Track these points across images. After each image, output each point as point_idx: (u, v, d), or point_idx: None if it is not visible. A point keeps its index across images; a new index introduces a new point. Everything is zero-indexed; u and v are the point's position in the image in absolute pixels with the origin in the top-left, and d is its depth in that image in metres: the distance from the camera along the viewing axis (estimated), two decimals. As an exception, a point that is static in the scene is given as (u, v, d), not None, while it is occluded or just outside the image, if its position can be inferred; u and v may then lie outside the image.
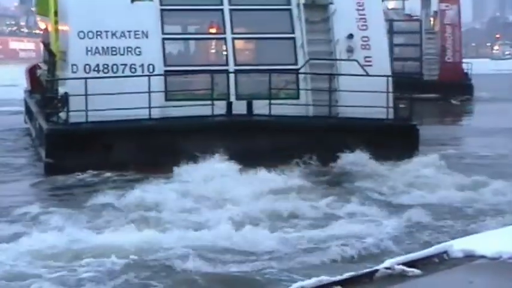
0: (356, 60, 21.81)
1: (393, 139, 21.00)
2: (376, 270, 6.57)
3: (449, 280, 6.43)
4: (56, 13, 24.41)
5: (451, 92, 43.28)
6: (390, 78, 22.15)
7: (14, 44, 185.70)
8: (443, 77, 44.55)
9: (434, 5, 47.16)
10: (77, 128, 20.85)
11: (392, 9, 47.59)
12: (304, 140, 20.46)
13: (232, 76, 21.73)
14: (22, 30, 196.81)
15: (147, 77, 21.15)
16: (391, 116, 21.93)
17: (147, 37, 21.79)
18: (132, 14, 22.03)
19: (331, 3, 22.92)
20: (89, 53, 21.50)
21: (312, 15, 22.80)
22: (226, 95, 21.45)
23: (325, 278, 6.52)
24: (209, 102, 21.29)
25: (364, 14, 22.71)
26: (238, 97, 21.46)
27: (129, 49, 21.74)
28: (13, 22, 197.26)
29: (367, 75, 21.54)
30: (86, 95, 20.17)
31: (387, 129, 21.40)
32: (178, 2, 23.17)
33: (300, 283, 6.52)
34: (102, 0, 22.47)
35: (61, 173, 19.58)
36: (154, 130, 20.51)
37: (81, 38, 21.63)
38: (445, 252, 7.09)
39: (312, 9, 23.15)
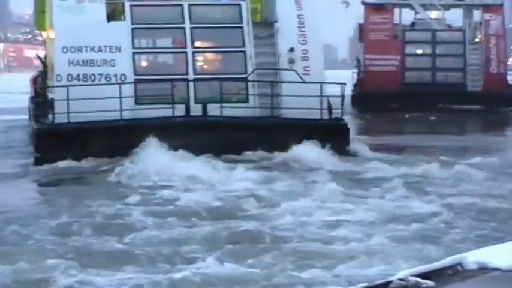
0: (295, 70, 24.73)
1: (326, 135, 23.75)
2: (391, 282, 6.47)
3: None
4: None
5: (495, 103, 42.17)
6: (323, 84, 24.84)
7: (29, 52, 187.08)
8: (487, 88, 43.47)
9: (477, 15, 46.28)
10: (60, 128, 23.69)
11: (434, 19, 46.99)
12: (250, 137, 23.39)
13: (191, 84, 24.75)
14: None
15: (118, 85, 23.93)
16: (326, 116, 24.61)
17: (120, 51, 24.77)
18: (108, 32, 25.13)
19: (276, 21, 25.82)
20: (71, 64, 24.50)
21: (259, 31, 25.94)
22: (186, 99, 24.33)
23: None
24: (176, 104, 24.17)
25: (304, 31, 25.57)
26: (197, 101, 24.39)
27: (105, 61, 24.71)
28: (28, 30, 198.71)
29: (304, 82, 24.36)
30: (68, 100, 23.06)
31: (319, 127, 24.20)
32: (147, 21, 25.95)
33: None
34: (82, 20, 25.07)
35: (46, 163, 22.47)
36: (124, 128, 23.32)
37: (64, 53, 24.51)
38: (459, 264, 6.84)
39: (260, 26, 26.29)
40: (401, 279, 6.40)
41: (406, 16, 48.43)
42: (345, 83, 25.84)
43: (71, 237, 14.47)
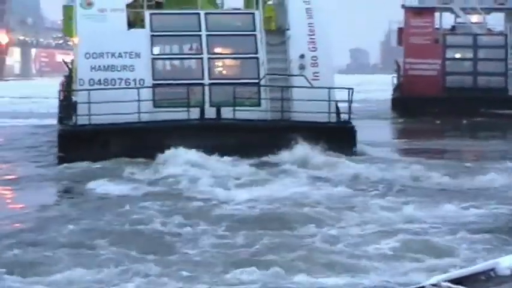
0: (304, 76, 25.91)
1: (333, 137, 24.87)
2: (423, 287, 6.56)
3: None
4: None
5: None
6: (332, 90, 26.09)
7: (61, 57, 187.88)
8: None
9: None
10: (82, 129, 25.14)
11: (475, 23, 46.35)
12: (261, 138, 24.53)
13: (207, 88, 25.99)
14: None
15: (137, 89, 25.27)
16: (333, 119, 25.79)
17: (139, 57, 26.14)
18: (128, 39, 26.52)
19: (288, 29, 26.99)
20: (93, 69, 25.92)
21: (272, 39, 27.17)
22: (201, 103, 25.59)
23: None
24: (191, 108, 25.38)
25: (314, 38, 26.74)
26: (211, 104, 25.64)
27: (125, 66, 26.07)
28: (60, 35, 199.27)
29: (313, 87, 25.61)
30: (89, 102, 24.51)
31: (327, 129, 25.39)
32: (166, 29, 27.24)
33: None
34: (104, 27, 26.51)
35: (69, 162, 23.74)
36: (142, 130, 24.62)
37: (86, 58, 25.97)
38: (492, 269, 6.84)
39: (272, 34, 27.47)
40: (434, 285, 6.42)
41: (446, 20, 48.11)
42: (352, 88, 26.70)
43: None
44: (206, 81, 26.45)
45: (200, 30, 26.93)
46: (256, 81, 26.55)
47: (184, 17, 27.97)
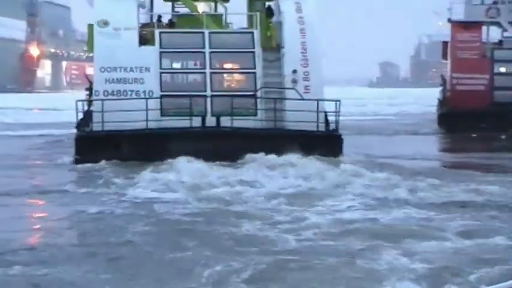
0: (295, 89, 27.70)
1: (321, 144, 26.65)
2: None
3: None
4: None
5: None
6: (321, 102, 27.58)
7: (91, 70, 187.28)
8: None
9: None
10: (96, 134, 27.06)
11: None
12: (256, 145, 26.16)
13: (208, 99, 27.65)
14: None
15: (146, 99, 27.07)
16: (322, 129, 27.52)
17: (149, 71, 27.90)
18: (139, 55, 28.24)
19: (283, 47, 28.77)
20: (107, 82, 27.68)
21: (268, 55, 28.88)
22: (203, 112, 27.24)
23: None
24: (194, 117, 27.11)
25: (306, 56, 28.34)
26: (213, 114, 27.30)
27: (136, 79, 27.79)
28: None
29: (303, 99, 27.38)
30: (103, 111, 26.58)
31: (316, 137, 27.00)
32: (173, 46, 28.92)
33: None
34: (118, 44, 28.21)
35: (83, 163, 25.85)
36: (149, 136, 26.53)
37: (101, 72, 27.81)
38: None
39: (268, 51, 29.13)
40: None
41: (493, 34, 47.57)
42: (339, 100, 28.30)
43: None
44: (208, 93, 28.08)
45: (204, 48, 28.55)
46: (253, 93, 28.23)
47: (190, 35, 29.51)
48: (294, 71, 28.38)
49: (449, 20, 46.20)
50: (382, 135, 43.88)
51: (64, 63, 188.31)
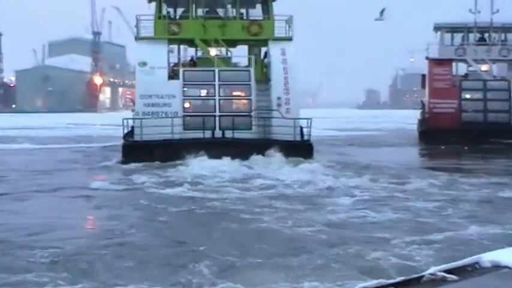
0: (279, 111, 28.54)
1: (297, 150, 27.25)
2: (423, 276, 6.16)
3: (480, 285, 5.93)
4: None
5: None
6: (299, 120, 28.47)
7: None
8: None
9: None
10: (136, 143, 27.98)
11: (484, 71, 44.31)
12: (250, 150, 26.75)
13: (217, 118, 28.35)
14: None
15: (172, 119, 27.78)
16: (298, 139, 28.36)
17: (175, 98, 28.66)
18: (168, 86, 28.91)
19: (271, 80, 29.60)
20: (145, 105, 28.50)
21: (260, 86, 29.59)
22: (213, 127, 28.05)
23: (383, 281, 6.19)
24: (206, 130, 27.88)
25: (287, 86, 29.23)
26: (220, 128, 28.10)
27: (165, 104, 28.52)
28: None
29: (284, 118, 28.11)
30: (141, 127, 27.78)
31: (293, 145, 27.64)
32: (192, 80, 29.48)
33: (362, 284, 6.15)
34: (153, 79, 28.86)
35: (127, 164, 26.71)
36: (174, 144, 27.00)
37: (141, 98, 28.73)
38: (477, 262, 6.56)
39: (260, 83, 29.72)
40: (432, 274, 6.12)
41: (461, 69, 46.07)
42: (311, 119, 28.41)
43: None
44: (217, 113, 28.63)
45: (214, 81, 29.11)
46: (249, 114, 28.88)
47: (205, 72, 29.76)
48: (278, 98, 29.15)
49: (427, 58, 44.85)
50: (373, 147, 42.23)
51: (120, 90, 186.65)
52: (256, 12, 32.48)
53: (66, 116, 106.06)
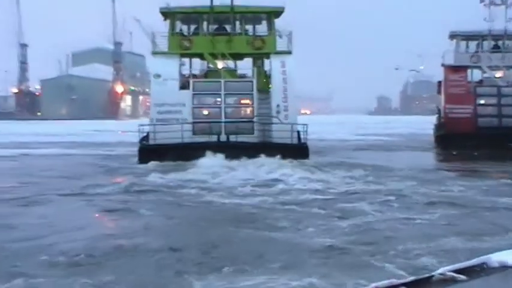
0: (278, 117, 29.80)
1: (295, 152, 28.63)
2: (433, 276, 6.05)
3: (488, 285, 5.84)
4: None
5: None
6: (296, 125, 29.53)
7: None
8: None
9: None
10: (150, 146, 29.20)
11: (498, 77, 43.82)
12: (252, 152, 27.80)
13: (223, 124, 29.38)
14: None
15: (182, 125, 28.88)
16: (295, 142, 29.50)
17: (185, 106, 29.82)
18: (179, 96, 30.10)
19: (271, 89, 30.71)
20: (159, 113, 29.70)
21: (261, 95, 30.72)
22: (219, 132, 29.13)
23: (394, 280, 5.99)
24: (213, 135, 28.97)
25: (286, 95, 30.44)
26: (225, 133, 29.14)
27: (177, 111, 29.59)
28: None
29: (282, 123, 29.33)
30: (155, 132, 29.13)
31: (291, 147, 28.90)
32: (201, 90, 30.45)
33: (375, 284, 5.84)
34: (166, 89, 29.98)
35: (143, 164, 28.01)
36: (184, 147, 28.11)
37: (155, 107, 30.01)
38: (485, 263, 6.40)
39: (261, 92, 30.84)
40: (441, 274, 6.03)
41: (476, 75, 45.44)
42: (307, 124, 29.47)
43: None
44: (222, 120, 29.69)
45: (221, 91, 30.24)
46: (251, 120, 29.95)
47: (212, 83, 30.87)
48: (278, 105, 30.31)
49: (443, 65, 44.25)
50: (390, 151, 41.75)
51: (140, 97, 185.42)
52: (262, 28, 33.97)
53: (89, 122, 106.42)
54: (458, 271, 6.22)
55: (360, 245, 11.78)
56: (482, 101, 42.66)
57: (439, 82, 45.60)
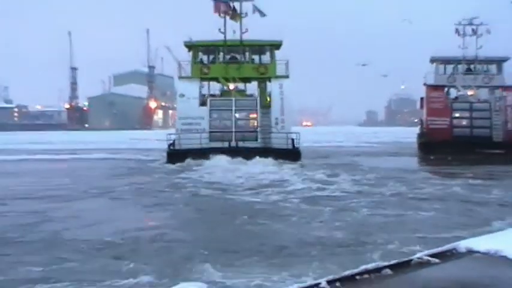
0: (276, 128, 30.57)
1: (289, 155, 29.14)
2: (412, 259, 5.90)
3: (457, 266, 5.72)
4: None
5: (511, 149, 38.59)
6: (290, 134, 30.26)
7: None
8: (505, 139, 40.35)
9: (498, 93, 42.80)
10: (176, 151, 30.08)
11: (470, 95, 43.24)
12: (255, 154, 28.56)
13: (233, 133, 30.16)
14: None
15: (201, 134, 29.87)
16: (290, 147, 30.21)
17: (203, 119, 30.67)
18: (199, 111, 30.99)
19: (270, 106, 31.40)
20: (183, 125, 30.59)
21: (263, 110, 31.41)
22: (230, 139, 29.86)
23: (380, 263, 5.76)
24: (225, 141, 29.76)
25: (283, 109, 31.27)
26: (235, 140, 29.93)
27: (197, 123, 30.49)
28: None
29: (280, 132, 30.09)
30: (180, 139, 29.99)
31: (287, 151, 29.60)
32: (216, 106, 31.16)
33: (364, 266, 5.54)
34: (188, 105, 30.86)
35: (170, 164, 28.62)
36: (202, 151, 28.80)
37: (180, 119, 30.94)
38: (454, 248, 6.31)
39: (264, 108, 31.54)
40: (419, 258, 5.95)
41: (452, 93, 45.07)
42: (299, 133, 30.20)
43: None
44: (233, 130, 30.48)
45: (232, 107, 31.12)
46: (255, 130, 30.75)
47: (225, 101, 31.72)
48: (276, 118, 31.10)
49: (425, 84, 44.03)
50: (379, 156, 40.58)
51: (170, 112, 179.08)
52: (266, 58, 34.97)
53: (128, 132, 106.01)
54: (432, 255, 6.15)
55: (352, 235, 11.33)
56: (457, 115, 42.77)
57: (422, 98, 45.38)
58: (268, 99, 32.73)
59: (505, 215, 13.17)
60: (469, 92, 43.78)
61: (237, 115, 31.22)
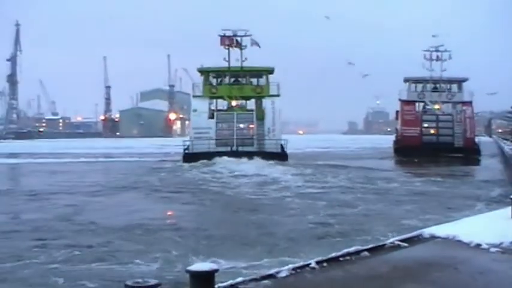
0: (268, 135, 31.59)
1: (278, 157, 30.17)
2: (385, 244, 5.75)
3: (422, 250, 5.57)
4: None
5: (469, 153, 38.87)
6: (281, 140, 31.36)
7: None
8: (465, 145, 40.37)
9: (459, 107, 42.80)
10: (189, 153, 31.14)
11: (436, 108, 43.01)
12: (252, 156, 29.61)
13: (235, 140, 31.18)
14: None
15: (209, 140, 31.26)
16: (279, 151, 31.27)
17: (211, 129, 31.84)
18: (208, 123, 32.11)
19: (264, 118, 32.40)
20: (195, 133, 31.85)
21: (259, 122, 32.52)
22: (232, 145, 30.98)
23: (359, 247, 5.54)
24: (228, 146, 30.98)
25: (274, 121, 32.49)
26: (236, 145, 31.01)
27: (206, 132, 31.61)
28: None
29: (272, 139, 31.13)
30: (193, 145, 31.15)
31: (277, 154, 30.65)
32: (222, 119, 32.31)
33: (346, 249, 5.32)
34: (200, 119, 32.08)
35: (185, 163, 29.83)
36: (210, 153, 30.02)
37: (193, 129, 32.27)
38: (420, 234, 6.20)
39: (259, 120, 32.62)
40: (391, 243, 5.81)
41: (421, 107, 44.22)
42: (286, 140, 31.29)
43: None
44: (234, 137, 31.52)
45: (234, 120, 32.25)
46: (252, 137, 31.94)
47: (228, 115, 32.86)
48: (269, 128, 32.48)
49: (399, 99, 44.08)
50: (360, 159, 39.61)
51: (186, 122, 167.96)
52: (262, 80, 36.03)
53: (153, 139, 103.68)
54: (402, 240, 6.04)
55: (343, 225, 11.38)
56: (426, 125, 42.62)
57: (397, 111, 45.17)
58: (263, 113, 33.68)
59: (456, 205, 13.57)
60: (436, 106, 43.91)
61: (240, 125, 32.25)
